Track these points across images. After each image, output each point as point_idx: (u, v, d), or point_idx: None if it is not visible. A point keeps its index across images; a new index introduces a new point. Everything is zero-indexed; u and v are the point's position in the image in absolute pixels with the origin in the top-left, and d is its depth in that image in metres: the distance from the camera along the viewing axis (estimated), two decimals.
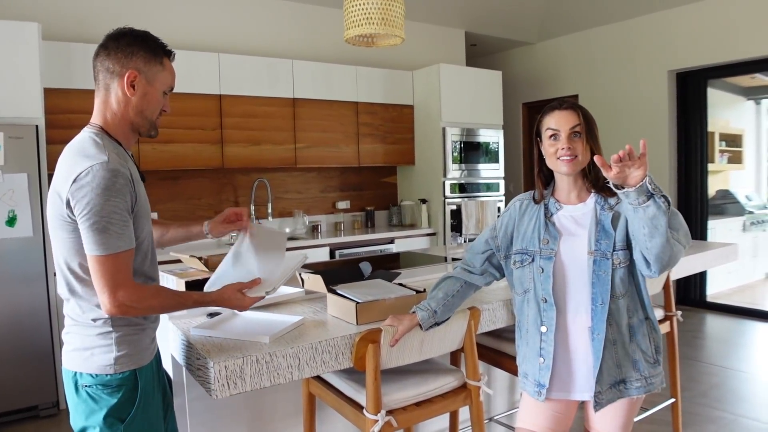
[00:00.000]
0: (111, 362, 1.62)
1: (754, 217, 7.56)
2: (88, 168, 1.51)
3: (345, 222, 5.98)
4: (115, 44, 1.67)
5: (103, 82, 1.67)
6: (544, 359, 1.87)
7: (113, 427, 1.62)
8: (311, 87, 5.34)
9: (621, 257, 1.81)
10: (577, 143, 1.85)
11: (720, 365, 4.54)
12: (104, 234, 1.51)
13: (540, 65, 7.42)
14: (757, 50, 5.50)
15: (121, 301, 1.54)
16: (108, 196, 1.50)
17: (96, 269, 1.53)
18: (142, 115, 1.69)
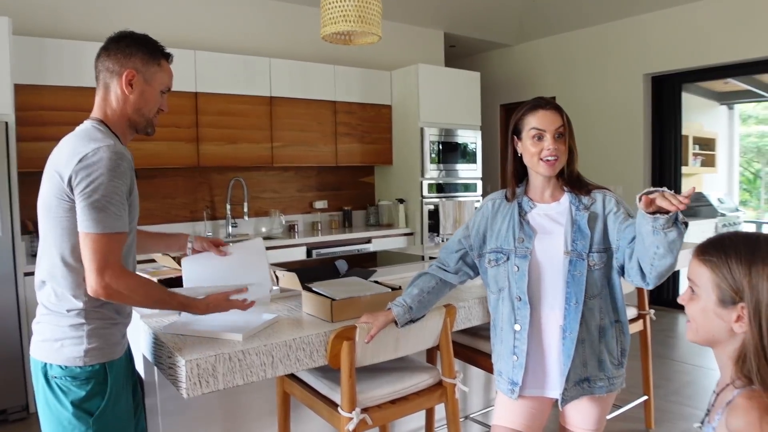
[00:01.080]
0: (81, 354, 1.62)
1: (726, 219, 7.69)
2: (95, 148, 1.56)
3: (322, 222, 5.96)
4: (116, 45, 1.74)
5: (103, 81, 1.75)
6: (517, 357, 1.87)
7: (82, 420, 1.62)
8: (288, 85, 5.31)
9: (596, 259, 1.81)
10: (560, 144, 1.85)
11: (692, 363, 4.60)
12: (103, 213, 1.55)
13: (518, 67, 7.46)
14: (731, 56, 5.58)
15: (107, 282, 1.56)
16: (112, 177, 1.56)
17: (88, 247, 1.56)
18: (140, 112, 1.77)
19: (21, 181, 3.93)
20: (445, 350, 2.21)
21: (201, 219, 5.21)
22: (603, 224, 1.83)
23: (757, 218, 8.21)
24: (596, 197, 1.87)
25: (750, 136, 8.72)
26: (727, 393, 1.14)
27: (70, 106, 4.20)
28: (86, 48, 4.24)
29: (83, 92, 4.22)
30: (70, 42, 4.23)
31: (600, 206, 1.85)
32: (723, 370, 1.20)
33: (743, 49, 5.47)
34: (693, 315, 1.19)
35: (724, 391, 1.16)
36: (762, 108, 8.09)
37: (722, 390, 1.17)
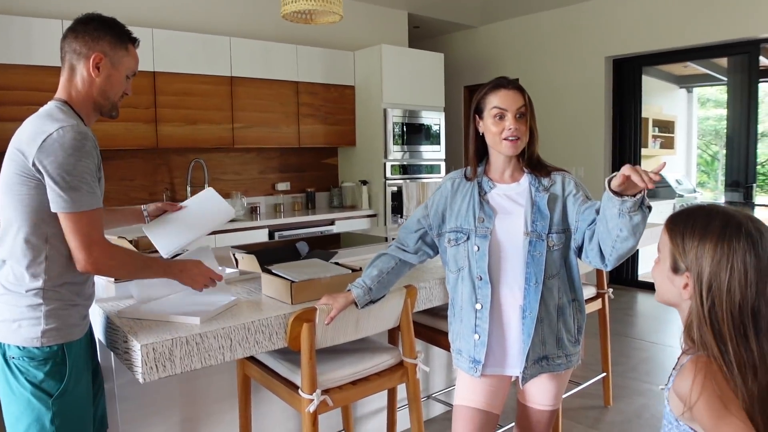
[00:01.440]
0: (38, 335, 1.62)
1: (684, 200, 7.86)
2: (58, 128, 1.57)
3: (285, 204, 5.90)
4: (84, 28, 1.74)
5: (69, 63, 1.75)
6: (479, 336, 1.88)
7: (41, 400, 1.63)
8: (249, 65, 5.22)
9: (555, 240, 1.83)
10: (521, 124, 1.85)
11: (649, 341, 4.71)
12: (77, 192, 1.58)
13: (482, 49, 7.46)
14: (690, 39, 5.68)
15: (96, 257, 1.62)
16: (79, 157, 1.58)
17: (70, 227, 1.59)
18: (105, 95, 1.78)
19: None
20: (406, 331, 2.22)
21: (160, 201, 5.11)
22: (562, 206, 1.84)
23: (714, 199, 8.40)
24: (555, 179, 1.88)
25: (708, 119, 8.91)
26: (683, 358, 1.20)
27: (22, 85, 4.06)
28: (36, 25, 4.11)
29: (35, 71, 4.10)
30: (20, 18, 4.08)
31: (559, 188, 1.86)
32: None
33: (702, 33, 5.57)
34: (655, 278, 1.27)
35: (681, 356, 1.22)
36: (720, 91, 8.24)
37: (681, 355, 1.23)
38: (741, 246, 1.11)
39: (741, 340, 1.10)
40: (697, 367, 1.12)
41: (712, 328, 1.12)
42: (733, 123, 5.80)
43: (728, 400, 1.07)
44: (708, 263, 1.13)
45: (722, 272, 1.11)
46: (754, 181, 5.64)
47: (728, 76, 6.13)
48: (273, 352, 2.15)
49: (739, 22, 5.32)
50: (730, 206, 1.28)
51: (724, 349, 1.10)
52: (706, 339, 1.13)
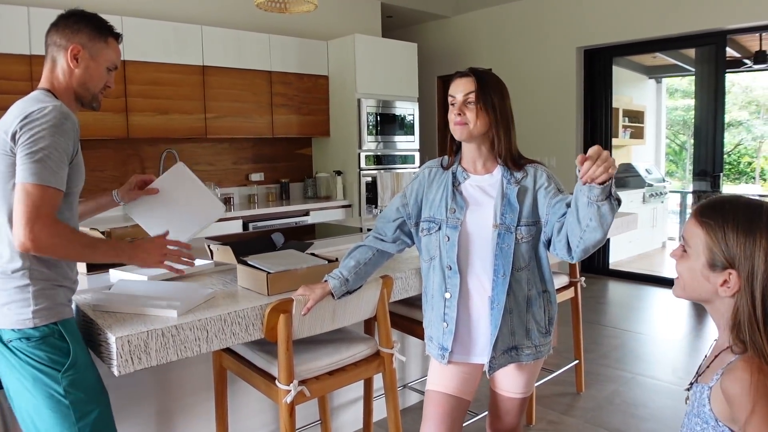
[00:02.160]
0: (30, 316, 1.62)
1: (653, 189, 8.01)
2: (42, 107, 1.60)
3: (259, 194, 5.86)
4: (65, 21, 1.80)
5: (51, 55, 1.80)
6: (447, 324, 1.90)
7: (50, 376, 1.62)
8: (222, 54, 5.16)
9: (524, 232, 1.83)
10: (469, 110, 1.85)
11: (620, 328, 4.80)
12: (40, 164, 1.55)
13: (455, 39, 7.48)
14: (659, 30, 5.75)
15: (36, 234, 1.53)
16: (53, 133, 1.58)
17: (21, 198, 1.54)
18: (85, 86, 1.81)
19: None
20: (383, 321, 2.23)
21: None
22: (533, 198, 1.85)
23: (682, 188, 8.58)
24: (528, 171, 1.89)
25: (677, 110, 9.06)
26: (726, 356, 1.16)
27: None
28: (2, 11, 4.00)
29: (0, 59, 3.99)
30: None
31: (531, 180, 1.87)
32: (720, 331, 1.22)
33: (671, 24, 5.65)
34: (681, 272, 1.21)
35: (724, 353, 1.18)
36: (688, 82, 8.39)
37: (721, 351, 1.19)
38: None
39: None
40: (752, 370, 1.07)
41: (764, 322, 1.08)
42: (701, 113, 5.90)
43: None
44: (763, 260, 1.07)
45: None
46: (721, 170, 5.76)
47: (696, 66, 6.24)
48: (249, 344, 2.15)
49: (706, 14, 5.40)
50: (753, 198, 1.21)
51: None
52: (756, 340, 1.09)
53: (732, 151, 8.44)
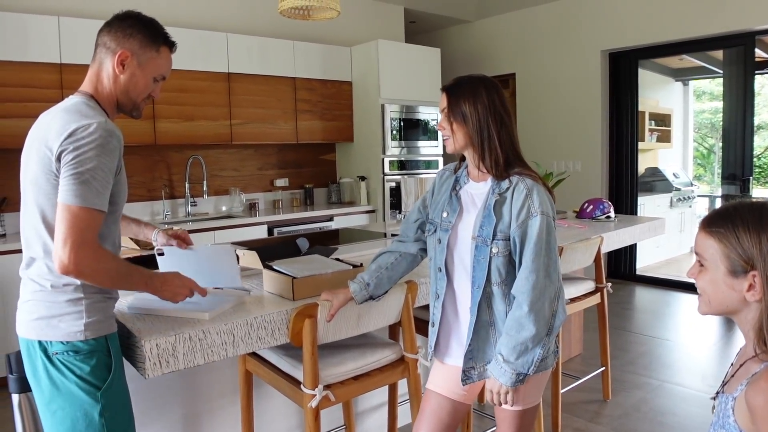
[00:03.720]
0: (81, 328, 1.60)
1: (681, 193, 7.89)
2: (86, 124, 1.53)
3: (283, 200, 5.91)
4: (119, 24, 1.72)
5: (99, 56, 1.73)
6: (433, 324, 1.93)
7: (90, 394, 1.61)
8: (247, 61, 5.21)
9: (501, 247, 1.76)
10: (446, 124, 1.84)
11: (647, 334, 4.73)
12: (85, 186, 1.51)
13: (477, 43, 7.46)
14: (685, 32, 5.68)
15: (80, 258, 1.50)
16: (99, 152, 1.53)
17: (65, 219, 1.50)
18: (127, 94, 1.74)
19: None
20: (407, 326, 2.23)
21: (159, 198, 5.12)
22: (509, 211, 1.77)
23: (711, 192, 8.45)
24: (513, 181, 1.78)
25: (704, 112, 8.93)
26: (752, 365, 1.12)
27: (18, 81, 4.04)
28: (33, 21, 4.10)
29: (31, 68, 4.09)
30: (15, 15, 4.06)
31: (510, 192, 1.78)
32: (747, 339, 1.18)
33: (698, 25, 5.58)
34: (703, 287, 1.17)
35: (749, 362, 1.14)
36: (715, 84, 8.27)
37: (746, 360, 1.15)
38: None
39: None
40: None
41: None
42: (729, 115, 5.81)
43: None
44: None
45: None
46: (750, 174, 5.66)
47: (724, 68, 6.14)
48: (275, 348, 2.16)
49: (734, 14, 5.32)
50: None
51: None
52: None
53: (762, 155, 8.29)
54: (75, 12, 4.51)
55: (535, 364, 1.70)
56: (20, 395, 2.01)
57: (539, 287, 1.69)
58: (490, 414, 3.24)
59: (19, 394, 2.01)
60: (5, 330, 3.77)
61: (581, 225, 3.82)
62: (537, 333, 1.68)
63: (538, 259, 1.69)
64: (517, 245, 1.74)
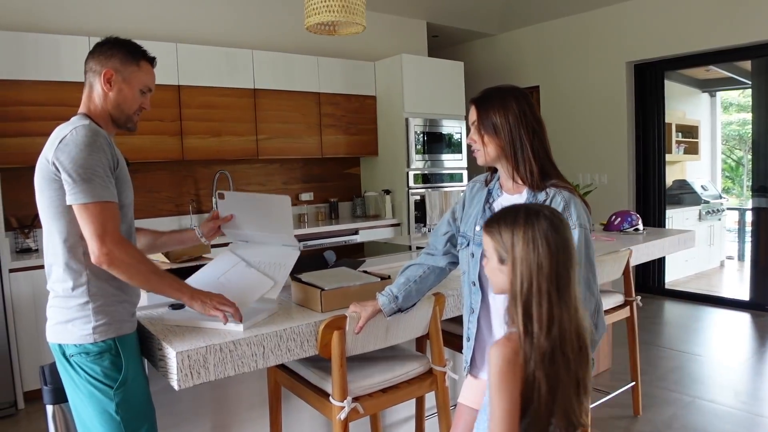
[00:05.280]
0: (90, 331, 1.71)
1: (710, 206, 7.77)
2: (71, 129, 1.69)
3: (308, 214, 5.94)
4: (99, 49, 1.89)
5: (89, 81, 1.89)
6: (468, 339, 1.91)
7: (104, 392, 1.72)
8: (272, 77, 5.28)
9: None
10: (476, 136, 1.83)
11: (678, 349, 4.65)
12: (89, 183, 1.65)
13: (501, 57, 7.47)
14: (712, 43, 5.63)
15: (109, 248, 1.65)
16: (90, 151, 1.66)
17: (84, 218, 1.65)
18: (119, 108, 1.88)
19: (3, 177, 3.89)
20: (435, 338, 2.22)
21: (187, 213, 5.18)
22: None
23: (740, 205, 8.31)
24: (550, 194, 1.76)
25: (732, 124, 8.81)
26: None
27: (49, 100, 4.15)
28: (63, 42, 4.20)
29: (62, 87, 4.18)
30: (47, 36, 4.17)
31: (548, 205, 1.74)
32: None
33: (724, 36, 5.52)
34: (489, 275, 1.45)
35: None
36: (743, 96, 8.16)
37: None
38: (542, 226, 1.33)
39: (549, 307, 1.30)
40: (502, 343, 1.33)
41: (524, 302, 1.31)
42: (759, 127, 5.72)
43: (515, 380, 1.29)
44: (520, 246, 1.33)
45: (531, 251, 1.32)
46: None
47: (752, 79, 6.06)
48: (303, 360, 2.17)
49: (762, 24, 5.26)
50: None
51: (528, 320, 1.30)
52: (513, 313, 1.34)
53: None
54: (104, 32, 4.59)
55: None
56: (54, 406, 2.05)
57: None
58: None
59: (54, 406, 2.05)
60: (39, 342, 3.84)
61: (609, 238, 3.78)
62: None
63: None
64: None
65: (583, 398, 1.35)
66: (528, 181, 1.77)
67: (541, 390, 1.28)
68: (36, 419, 3.65)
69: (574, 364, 1.32)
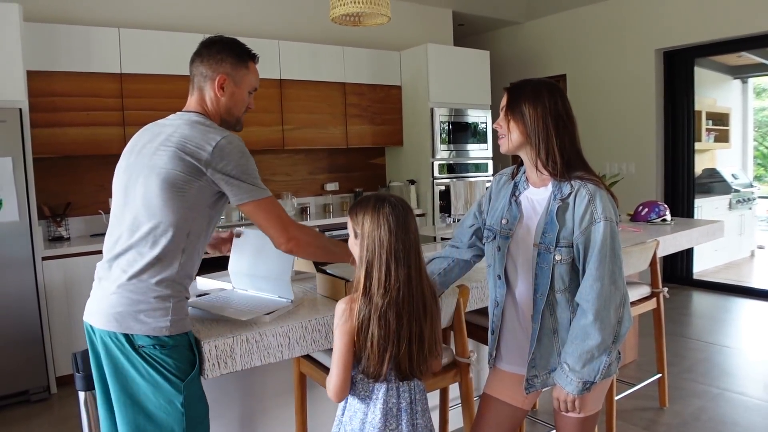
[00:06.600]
0: (168, 324, 1.69)
1: (740, 195, 7.63)
2: (225, 136, 1.77)
3: (334, 204, 5.97)
4: (207, 51, 1.91)
5: (198, 85, 1.92)
6: (492, 332, 1.92)
7: (173, 385, 1.69)
8: (298, 68, 5.30)
9: (564, 254, 1.73)
10: (504, 122, 1.82)
11: (706, 341, 4.60)
12: (256, 184, 1.79)
13: (527, 45, 7.39)
14: (744, 28, 5.51)
15: (294, 233, 1.83)
16: (248, 158, 1.80)
17: (263, 212, 1.81)
18: (230, 112, 1.94)
19: (36, 166, 3.97)
20: (459, 330, 2.23)
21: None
22: (572, 217, 1.73)
23: None
24: (575, 186, 1.75)
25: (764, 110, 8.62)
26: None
27: (81, 91, 4.23)
28: (95, 33, 4.27)
29: (93, 78, 4.26)
30: (79, 27, 4.24)
31: (572, 198, 1.74)
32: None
33: (758, 21, 5.39)
34: (351, 248, 1.70)
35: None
36: None
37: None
38: (386, 210, 1.59)
39: (387, 273, 1.56)
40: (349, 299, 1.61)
41: (366, 267, 1.59)
42: None
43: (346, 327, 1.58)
44: (368, 226, 1.60)
45: (375, 229, 1.59)
46: None
47: None
48: (328, 350, 2.19)
49: None
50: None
51: (368, 281, 1.58)
52: (359, 276, 1.60)
53: None
54: (134, 23, 4.68)
55: (602, 372, 1.68)
56: (86, 393, 2.10)
57: (605, 295, 1.66)
58: (543, 420, 3.21)
59: (86, 392, 2.10)
60: (71, 328, 3.93)
61: (636, 228, 3.74)
62: (603, 341, 1.65)
63: (602, 266, 1.67)
64: (580, 252, 1.71)
65: (423, 352, 1.62)
66: (550, 169, 1.77)
67: (373, 338, 1.55)
68: (68, 404, 3.75)
69: (414, 321, 1.59)
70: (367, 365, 1.59)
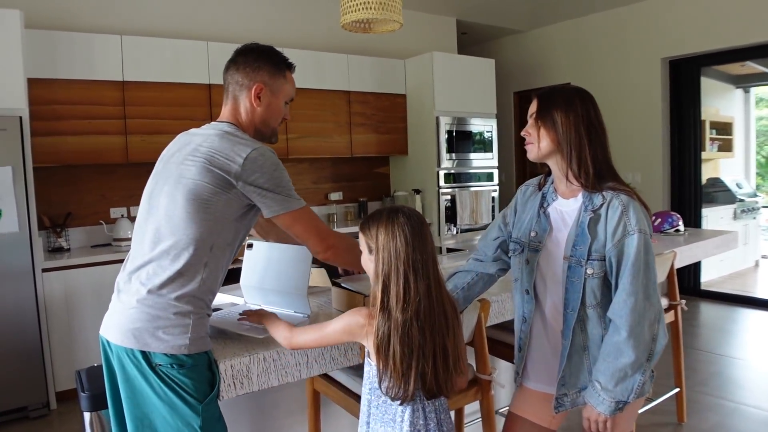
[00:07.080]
0: (186, 342, 1.60)
1: (745, 204, 7.59)
2: (256, 148, 1.70)
3: (338, 213, 5.89)
4: (244, 59, 1.85)
5: (233, 94, 1.85)
6: (520, 349, 1.85)
7: (191, 406, 1.59)
8: (302, 76, 5.18)
9: (596, 267, 1.66)
10: (533, 129, 1.75)
11: (717, 353, 4.53)
12: (290, 195, 1.74)
13: (531, 53, 7.35)
14: (749, 38, 5.47)
15: (332, 242, 1.82)
16: (282, 170, 1.73)
17: (301, 223, 1.77)
18: (266, 123, 1.87)
19: (36, 176, 3.89)
20: (480, 346, 2.15)
21: None
22: (604, 230, 1.66)
23: None
24: (606, 197, 1.68)
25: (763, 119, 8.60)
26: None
27: (83, 99, 4.15)
28: (97, 40, 4.20)
29: (95, 85, 4.19)
30: (81, 35, 4.17)
31: (605, 209, 1.67)
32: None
33: (763, 30, 5.35)
34: (365, 266, 1.62)
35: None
36: None
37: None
38: (400, 220, 1.52)
39: (405, 286, 1.48)
40: (368, 313, 1.54)
41: (383, 281, 1.50)
42: None
43: (351, 334, 1.57)
44: (382, 238, 1.52)
45: (390, 240, 1.51)
46: None
47: None
48: (346, 368, 2.11)
49: None
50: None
51: (386, 296, 1.49)
52: (376, 291, 1.52)
53: None
54: (137, 31, 4.61)
55: (635, 392, 1.60)
56: (92, 414, 2.02)
57: (638, 310, 1.58)
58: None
59: (91, 413, 2.01)
60: (71, 342, 3.84)
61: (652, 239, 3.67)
62: (637, 359, 1.58)
63: (636, 281, 1.59)
64: (613, 266, 1.64)
65: (448, 367, 1.52)
66: (581, 179, 1.70)
67: (395, 356, 1.46)
68: (68, 420, 3.65)
69: (438, 335, 1.50)
70: (390, 386, 1.48)
